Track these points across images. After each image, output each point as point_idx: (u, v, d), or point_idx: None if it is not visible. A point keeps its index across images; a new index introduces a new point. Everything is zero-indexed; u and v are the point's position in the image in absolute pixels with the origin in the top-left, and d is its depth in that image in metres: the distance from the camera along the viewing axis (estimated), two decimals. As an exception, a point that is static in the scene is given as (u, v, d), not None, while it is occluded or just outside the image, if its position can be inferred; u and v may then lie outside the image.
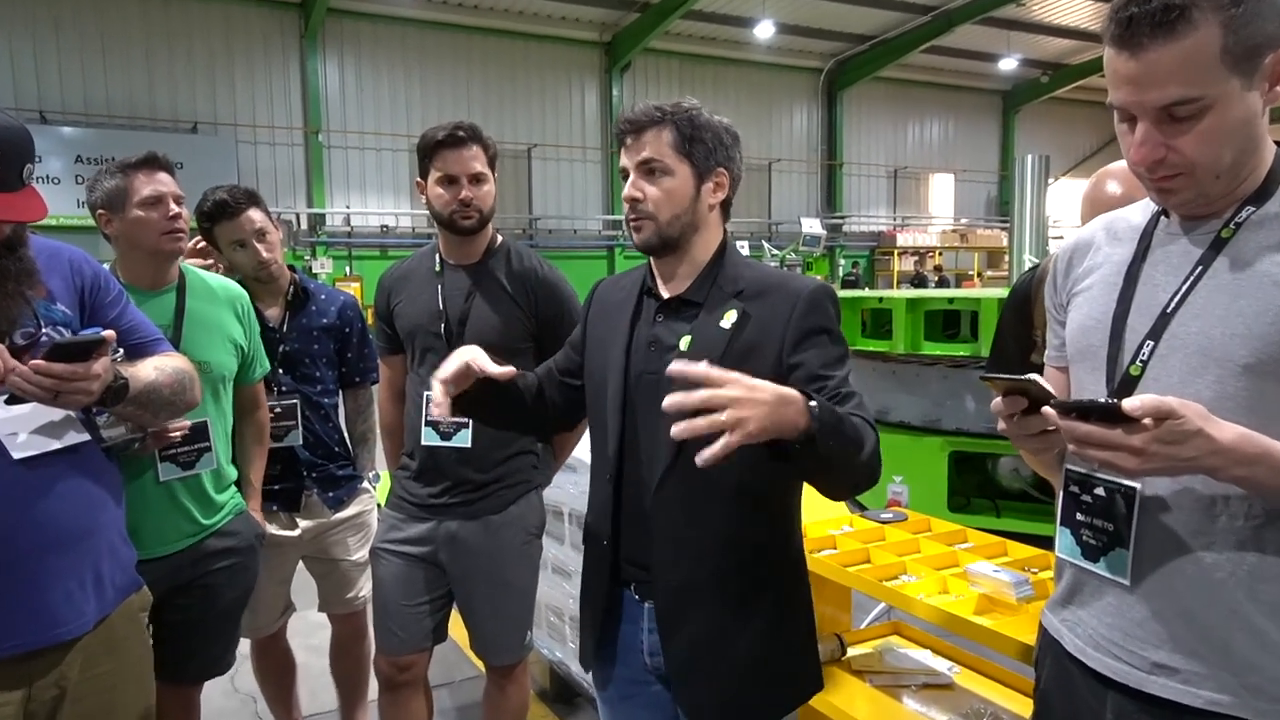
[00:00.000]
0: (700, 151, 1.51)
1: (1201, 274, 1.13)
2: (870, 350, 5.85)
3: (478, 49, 16.45)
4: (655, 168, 1.50)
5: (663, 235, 1.52)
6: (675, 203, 1.50)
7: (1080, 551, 1.21)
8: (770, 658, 1.53)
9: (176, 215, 2.06)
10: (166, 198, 2.05)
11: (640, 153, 1.51)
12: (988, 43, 19.36)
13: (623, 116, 1.54)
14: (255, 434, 2.35)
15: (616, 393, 1.55)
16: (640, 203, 1.51)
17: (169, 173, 2.09)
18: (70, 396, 1.38)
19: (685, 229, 1.52)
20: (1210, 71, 1.03)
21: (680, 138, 1.50)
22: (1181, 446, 0.99)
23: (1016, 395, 1.11)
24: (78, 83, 13.57)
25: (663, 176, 1.50)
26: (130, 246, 2.05)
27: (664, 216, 1.50)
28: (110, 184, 2.04)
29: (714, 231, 1.58)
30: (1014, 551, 2.35)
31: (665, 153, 1.49)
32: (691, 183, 1.51)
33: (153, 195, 2.03)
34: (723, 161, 1.54)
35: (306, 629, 3.30)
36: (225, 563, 2.10)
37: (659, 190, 1.50)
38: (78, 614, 1.47)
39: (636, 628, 1.58)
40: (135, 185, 2.03)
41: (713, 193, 1.55)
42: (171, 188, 2.07)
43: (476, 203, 2.16)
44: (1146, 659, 1.14)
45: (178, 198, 2.08)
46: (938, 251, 20.83)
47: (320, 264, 15.11)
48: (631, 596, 1.59)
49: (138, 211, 2.03)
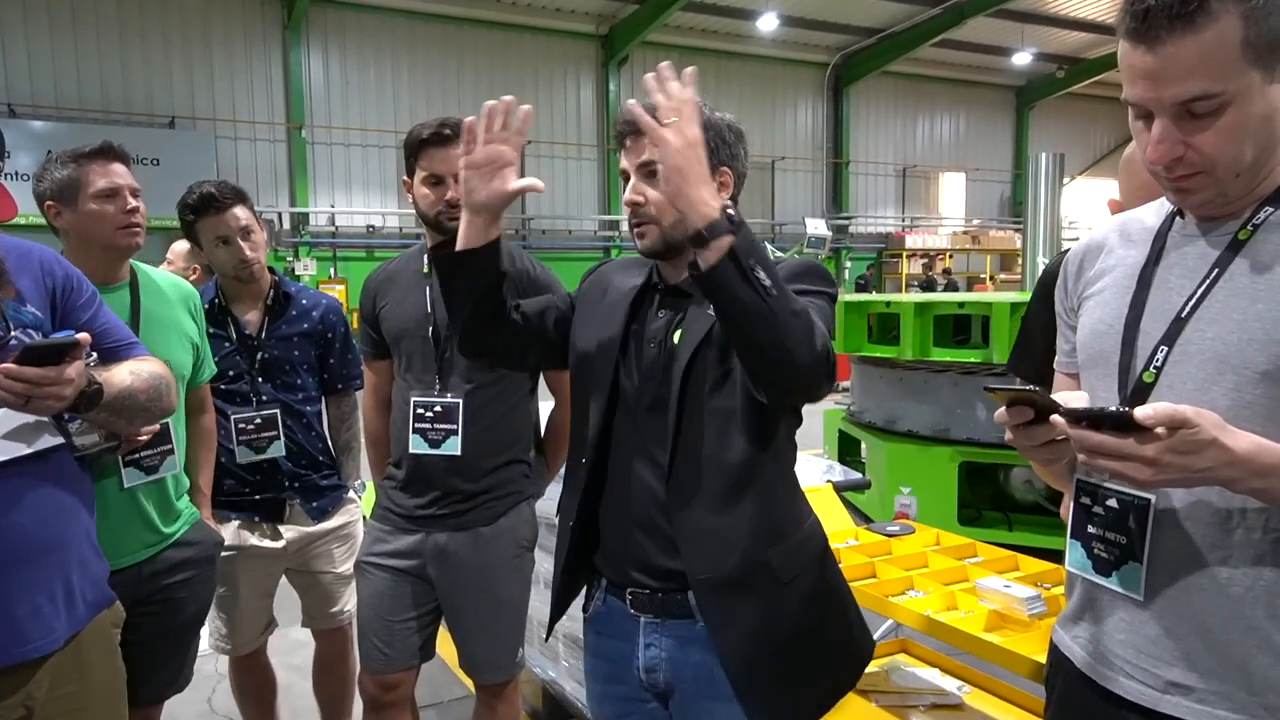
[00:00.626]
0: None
1: (1218, 277, 1.11)
2: (877, 356, 5.70)
3: (468, 41, 15.99)
4: (657, 170, 1.41)
5: (667, 239, 1.50)
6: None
7: (1092, 565, 1.20)
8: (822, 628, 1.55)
9: (134, 209, 2.02)
10: (123, 190, 2.01)
11: (641, 154, 1.49)
12: (1001, 36, 18.94)
13: (622, 116, 1.50)
14: (203, 438, 2.30)
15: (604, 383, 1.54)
16: (642, 207, 1.50)
17: (125, 163, 2.06)
18: (42, 402, 1.35)
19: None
20: (1231, 65, 1.01)
21: None
22: (1196, 457, 0.97)
23: (1022, 406, 1.10)
24: (48, 74, 13.08)
25: None
26: (83, 241, 2.01)
27: (668, 220, 1.48)
28: (61, 174, 1.99)
29: None
30: (1026, 566, 2.33)
31: None
32: None
33: (108, 188, 1.99)
34: (726, 160, 1.53)
35: (288, 647, 3.27)
36: (185, 574, 2.06)
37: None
38: (46, 630, 1.44)
39: (631, 644, 1.57)
40: (89, 176, 1.99)
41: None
42: (128, 180, 2.03)
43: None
44: (1161, 678, 1.13)
45: (134, 190, 2.04)
46: (948, 254, 20.46)
47: (304, 265, 14.75)
48: (625, 610, 1.56)
49: (92, 205, 1.98)
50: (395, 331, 2.25)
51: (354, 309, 2.48)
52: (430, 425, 2.17)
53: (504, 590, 2.24)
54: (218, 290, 2.49)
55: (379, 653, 2.22)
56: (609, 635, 1.63)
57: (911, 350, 5.27)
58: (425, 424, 2.17)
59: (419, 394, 2.18)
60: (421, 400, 2.18)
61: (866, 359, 5.88)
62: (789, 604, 1.51)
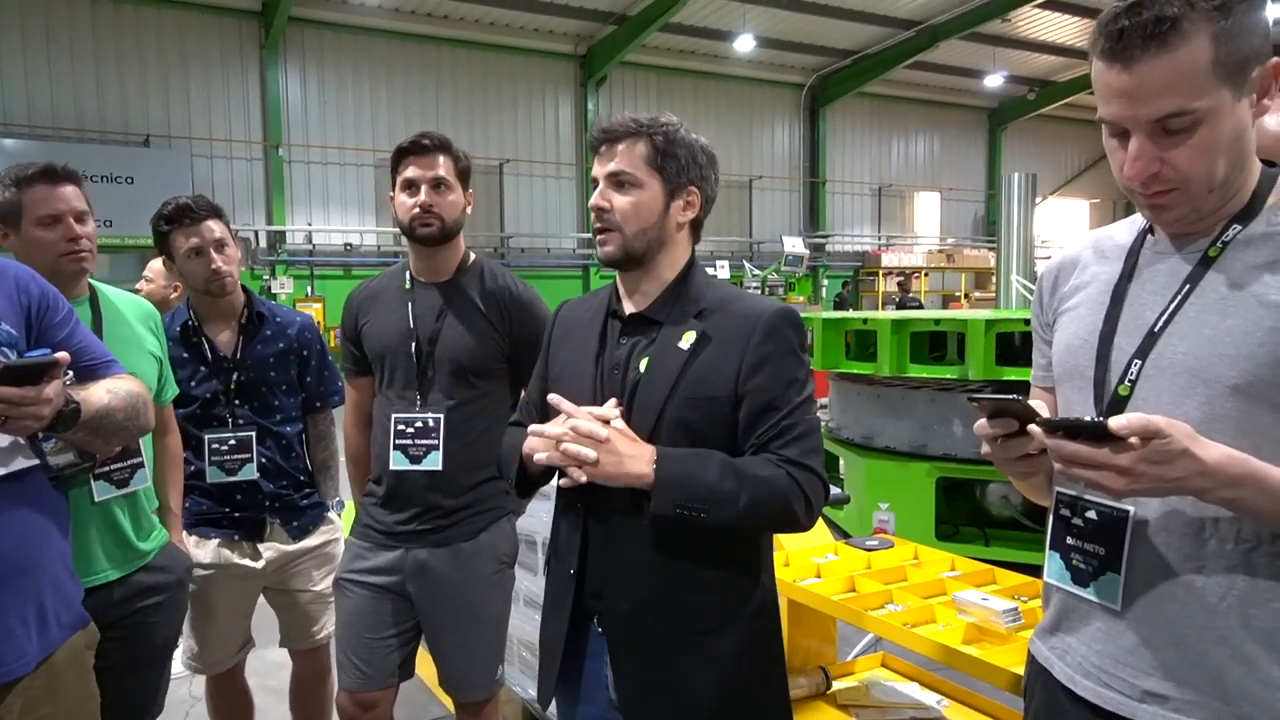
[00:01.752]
0: (672, 167, 1.53)
1: (1189, 293, 1.13)
2: (854, 373, 5.73)
3: (447, 61, 15.98)
4: (625, 180, 1.52)
5: (627, 249, 1.53)
6: (642, 216, 1.52)
7: (1070, 576, 1.21)
8: (731, 693, 1.50)
9: (76, 236, 1.97)
10: (65, 216, 1.96)
11: (611, 162, 1.53)
12: (973, 59, 19.20)
13: (598, 125, 1.55)
14: (169, 459, 2.26)
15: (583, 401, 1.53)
16: (607, 212, 1.52)
17: (73, 184, 2.00)
18: (20, 422, 1.33)
19: (651, 244, 1.53)
20: (1203, 83, 1.04)
21: (654, 151, 1.52)
22: (1168, 466, 1.00)
23: (1005, 417, 1.11)
24: (20, 92, 12.92)
25: (632, 189, 1.52)
26: (29, 264, 1.89)
27: (630, 229, 1.51)
28: (3, 197, 1.95)
29: (681, 250, 1.59)
30: (1003, 579, 2.32)
31: (637, 165, 1.51)
32: (661, 198, 1.53)
33: (49, 215, 1.95)
34: (695, 180, 1.56)
35: (265, 669, 3.20)
36: (156, 599, 2.02)
37: (627, 202, 1.51)
38: (18, 653, 1.42)
39: (601, 663, 1.56)
40: (30, 202, 1.94)
41: (682, 210, 1.56)
42: (71, 204, 1.98)
43: (437, 209, 2.13)
44: (1138, 687, 1.14)
45: (79, 214, 1.99)
46: (923, 272, 20.60)
47: (280, 283, 14.60)
48: (595, 630, 1.56)
49: (35, 230, 1.95)
50: (377, 348, 2.24)
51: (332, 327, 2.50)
52: (411, 441, 2.16)
53: (484, 606, 2.22)
54: (189, 311, 2.45)
55: (357, 671, 2.19)
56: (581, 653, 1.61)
57: (889, 367, 5.30)
58: (406, 440, 2.16)
59: (400, 410, 2.18)
60: (403, 416, 2.17)
61: (844, 375, 5.91)
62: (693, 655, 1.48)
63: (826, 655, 2.62)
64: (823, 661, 2.58)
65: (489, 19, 15.76)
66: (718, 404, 1.47)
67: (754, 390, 1.45)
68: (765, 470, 1.41)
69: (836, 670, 2.58)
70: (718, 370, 1.47)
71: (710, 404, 1.47)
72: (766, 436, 1.45)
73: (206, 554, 2.40)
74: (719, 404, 1.47)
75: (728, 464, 1.42)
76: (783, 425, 1.44)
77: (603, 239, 1.54)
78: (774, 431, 1.44)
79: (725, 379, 1.46)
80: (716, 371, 1.47)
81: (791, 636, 2.47)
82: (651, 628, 1.49)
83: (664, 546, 1.47)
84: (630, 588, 1.50)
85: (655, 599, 1.49)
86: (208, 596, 2.42)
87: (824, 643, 2.61)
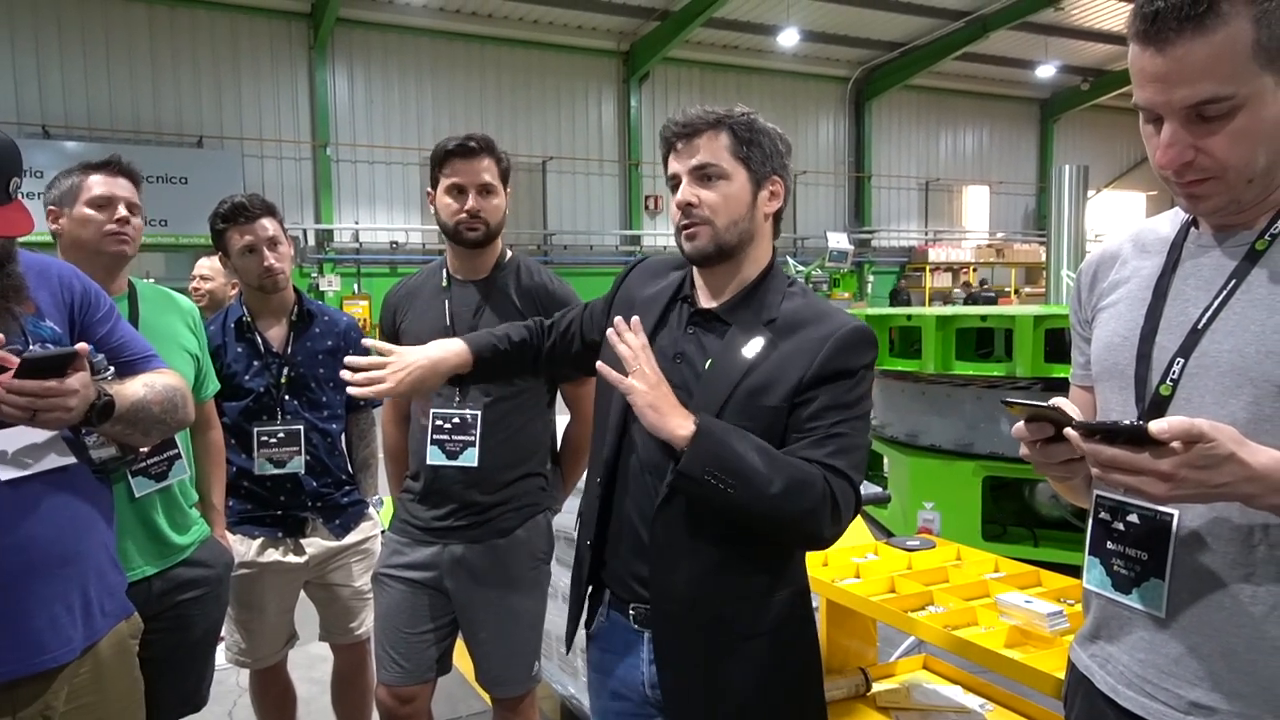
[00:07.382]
0: (757, 156, 1.49)
1: (1235, 288, 1.09)
2: (899, 370, 5.63)
3: (491, 59, 16.13)
4: (711, 172, 1.47)
5: (720, 242, 1.49)
6: (732, 208, 1.48)
7: (1111, 583, 1.18)
8: (769, 690, 1.49)
9: (124, 219, 2.04)
10: (117, 201, 2.04)
11: (694, 157, 1.48)
12: (1025, 49, 18.82)
13: (672, 120, 1.51)
14: (211, 454, 2.30)
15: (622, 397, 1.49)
16: (695, 208, 1.47)
17: (131, 180, 2.09)
18: (47, 415, 1.33)
19: (742, 237, 1.50)
20: (1242, 68, 0.99)
21: (737, 141, 1.47)
22: (1213, 472, 0.95)
23: (1041, 422, 1.09)
24: (81, 96, 13.35)
25: (719, 181, 1.47)
26: (73, 245, 2.03)
27: (722, 222, 1.47)
28: (67, 182, 2.04)
29: (765, 245, 1.56)
30: (1048, 582, 2.26)
31: (722, 156, 1.47)
32: (749, 189, 1.49)
33: (103, 196, 2.03)
34: (778, 169, 1.52)
35: (307, 661, 3.28)
36: (195, 592, 2.05)
37: (716, 195, 1.47)
38: (64, 641, 1.44)
39: (636, 659, 1.55)
40: (88, 184, 2.03)
41: (769, 201, 1.53)
42: (126, 193, 2.06)
43: (484, 214, 2.15)
44: (1183, 698, 1.10)
45: (131, 205, 2.07)
46: (972, 267, 20.26)
47: (328, 281, 14.92)
48: (629, 625, 1.55)
49: (84, 209, 2.02)
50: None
51: (378, 325, 2.51)
52: (448, 437, 2.18)
53: (520, 602, 2.23)
54: (244, 307, 2.52)
55: (396, 665, 2.21)
56: (612, 650, 1.61)
57: (933, 364, 5.22)
58: (443, 435, 2.18)
59: (438, 406, 2.19)
60: (440, 412, 2.18)
61: (889, 373, 5.81)
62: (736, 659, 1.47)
63: (867, 656, 2.58)
64: (863, 663, 2.53)
65: (532, 17, 15.88)
66: (774, 413, 1.45)
67: (810, 400, 1.43)
68: (804, 468, 1.39)
69: (877, 672, 2.54)
70: (779, 381, 1.44)
71: (766, 413, 1.44)
72: (813, 438, 1.42)
73: (251, 552, 2.45)
74: (776, 413, 1.45)
75: (768, 449, 1.39)
76: (832, 432, 1.41)
77: (691, 232, 1.48)
78: (822, 434, 1.41)
79: (785, 390, 1.43)
80: (777, 383, 1.44)
81: (830, 637, 2.45)
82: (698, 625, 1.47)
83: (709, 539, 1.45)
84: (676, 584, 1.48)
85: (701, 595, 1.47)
86: (253, 593, 2.47)
87: (864, 644, 2.57)
